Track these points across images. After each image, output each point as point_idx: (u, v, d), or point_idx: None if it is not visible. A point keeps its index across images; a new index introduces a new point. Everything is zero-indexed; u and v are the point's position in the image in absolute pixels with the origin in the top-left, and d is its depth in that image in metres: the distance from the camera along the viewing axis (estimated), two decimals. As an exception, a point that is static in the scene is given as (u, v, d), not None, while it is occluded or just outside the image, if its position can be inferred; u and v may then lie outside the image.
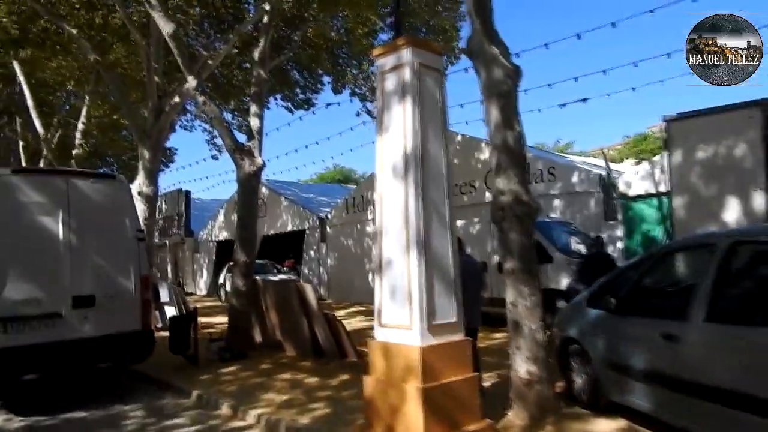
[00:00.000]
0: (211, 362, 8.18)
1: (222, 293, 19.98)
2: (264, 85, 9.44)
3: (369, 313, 13.94)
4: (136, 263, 6.82)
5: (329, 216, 19.50)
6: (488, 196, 14.12)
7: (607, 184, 11.57)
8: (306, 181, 39.95)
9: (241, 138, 9.82)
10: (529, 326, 4.71)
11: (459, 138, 15.12)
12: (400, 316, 4.41)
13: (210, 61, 12.55)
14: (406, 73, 4.56)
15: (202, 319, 9.65)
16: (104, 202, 6.77)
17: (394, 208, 4.54)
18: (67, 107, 21.47)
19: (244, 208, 9.11)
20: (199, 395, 6.53)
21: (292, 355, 8.47)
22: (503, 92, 4.97)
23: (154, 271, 13.96)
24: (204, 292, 24.30)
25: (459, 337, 4.58)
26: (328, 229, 19.40)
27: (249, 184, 8.99)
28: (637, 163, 19.66)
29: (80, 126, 16.54)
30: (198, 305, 18.77)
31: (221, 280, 20.19)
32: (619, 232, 11.58)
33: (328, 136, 41.04)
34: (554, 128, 74.65)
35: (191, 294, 24.01)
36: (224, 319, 14.02)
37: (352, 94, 17.22)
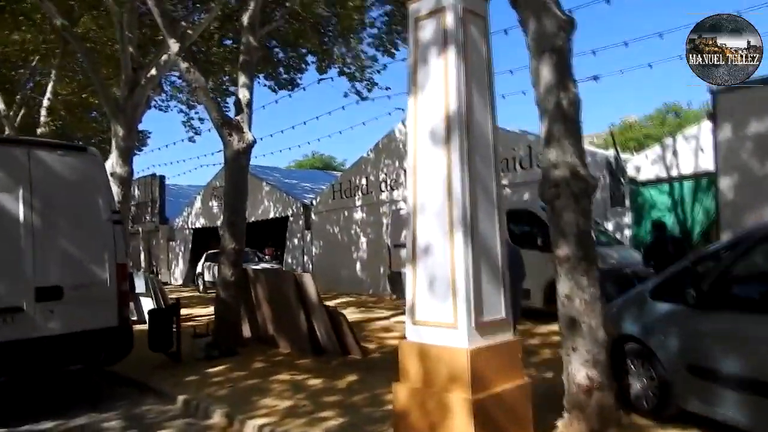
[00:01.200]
0: (196, 360, 7.32)
1: (200, 283, 18.99)
2: (254, 54, 8.51)
3: (360, 305, 13.21)
4: (111, 249, 5.90)
5: (314, 202, 18.61)
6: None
7: (615, 168, 10.98)
8: (288, 167, 38.77)
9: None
10: (589, 323, 3.99)
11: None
12: (440, 312, 3.66)
13: (190, 31, 11.48)
14: (449, 20, 3.77)
15: (182, 311, 8.74)
16: (73, 177, 5.81)
17: (433, 181, 3.77)
18: (31, 85, 20.01)
19: (232, 189, 8.21)
20: (186, 401, 5.67)
21: (286, 351, 7.66)
22: (556, 47, 4.20)
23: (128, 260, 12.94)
24: (180, 282, 23.20)
25: (509, 336, 3.86)
26: (313, 216, 18.51)
27: (237, 162, 8.08)
28: (636, 150, 19.27)
29: (45, 102, 15.30)
30: (175, 296, 17.79)
31: (199, 270, 19.19)
32: (627, 219, 11.03)
33: (304, 121, 39.70)
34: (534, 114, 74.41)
35: (166, 284, 22.85)
36: (205, 311, 13.12)
37: (341, 73, 16.30)
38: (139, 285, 11.01)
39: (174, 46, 7.74)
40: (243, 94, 8.28)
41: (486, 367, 3.53)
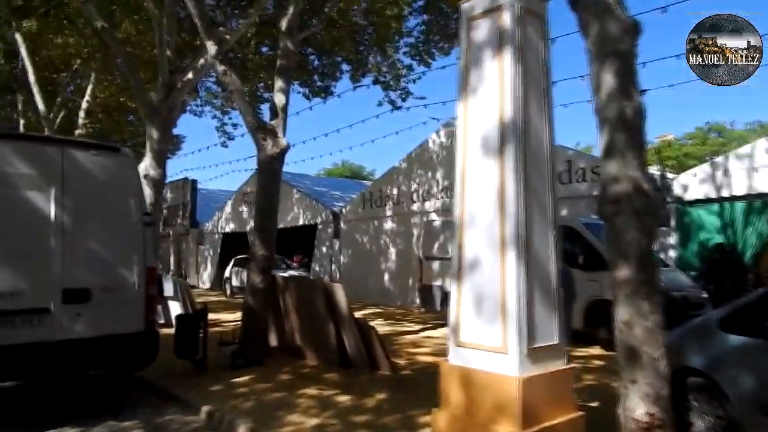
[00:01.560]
0: (221, 369, 7.13)
1: (228, 288, 18.96)
2: (292, 59, 8.38)
3: (388, 317, 12.89)
4: (140, 252, 5.76)
5: (344, 211, 18.43)
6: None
7: (661, 186, 10.48)
8: (317, 175, 38.86)
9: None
10: (650, 354, 3.61)
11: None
12: (488, 335, 3.35)
13: (227, 36, 11.47)
14: (505, 19, 3.50)
15: (209, 317, 8.58)
16: (106, 178, 5.70)
17: (484, 192, 3.48)
18: (72, 88, 20.47)
19: (264, 195, 8.05)
20: (209, 412, 5.46)
21: (313, 364, 7.41)
22: (620, 52, 3.87)
23: (158, 263, 12.95)
24: (208, 286, 23.27)
25: (561, 363, 3.52)
26: (342, 224, 18.33)
27: (271, 167, 7.92)
28: (675, 169, 18.60)
29: (84, 105, 15.54)
30: (202, 299, 17.78)
31: (227, 274, 19.17)
32: (672, 239, 10.50)
33: (337, 128, 39.74)
34: (569, 128, 72.71)
35: (194, 287, 22.97)
36: (232, 316, 12.99)
37: (375, 81, 16.16)
38: (168, 288, 10.94)
39: (212, 48, 7.65)
40: (279, 98, 8.14)
41: (538, 398, 3.21)
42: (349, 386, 6.23)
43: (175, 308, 10.64)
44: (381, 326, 11.06)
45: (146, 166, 10.89)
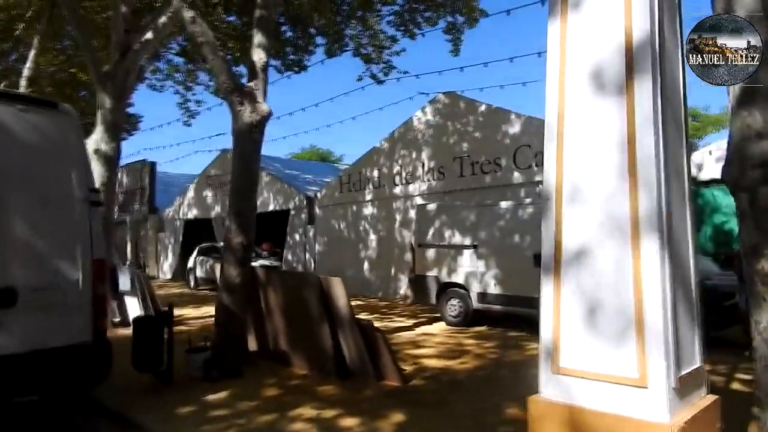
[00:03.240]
0: (191, 382, 5.88)
1: (191, 279, 17.43)
2: (273, 8, 7.04)
3: (371, 310, 11.70)
4: (86, 240, 4.42)
5: (319, 195, 17.13)
6: (516, 176, 12.11)
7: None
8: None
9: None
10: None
11: (483, 108, 12.99)
12: (612, 360, 2.26)
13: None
14: None
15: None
16: (38, 142, 4.33)
17: (596, 151, 2.36)
18: (14, 56, 18.40)
19: (241, 172, 6.73)
20: (179, 445, 4.23)
21: (303, 373, 6.22)
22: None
23: (112, 251, 11.42)
24: (169, 277, 21.60)
25: (704, 393, 2.46)
26: (317, 209, 17.03)
27: (249, 138, 6.61)
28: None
29: (26, 72, 13.68)
30: (163, 292, 16.24)
31: (191, 264, 17.62)
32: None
33: (303, 107, 37.79)
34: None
35: (154, 278, 21.31)
36: (198, 311, 11.60)
37: (356, 54, 14.84)
38: (124, 282, 9.49)
39: (176, -10, 6.26)
40: (258, 55, 6.81)
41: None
42: (354, 403, 5.09)
43: (133, 305, 9.22)
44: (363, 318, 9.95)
45: (97, 139, 9.37)
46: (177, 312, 8.84)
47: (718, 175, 8.87)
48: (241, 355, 6.42)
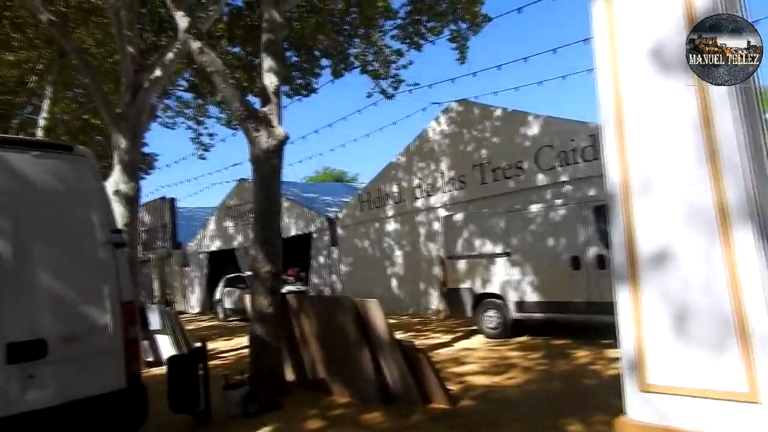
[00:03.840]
0: (230, 419, 5.65)
1: (220, 311, 17.32)
2: (280, 31, 6.93)
3: (405, 327, 11.39)
4: (112, 282, 4.26)
5: (339, 216, 16.97)
6: (540, 177, 11.81)
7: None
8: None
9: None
10: None
11: (498, 112, 12.75)
12: (712, 372, 1.97)
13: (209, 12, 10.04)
14: None
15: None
16: (56, 187, 4.21)
17: (668, 135, 2.10)
18: (29, 109, 18.77)
19: (263, 200, 6.57)
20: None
21: (344, 400, 5.95)
22: None
23: (138, 290, 11.36)
24: (197, 310, 21.55)
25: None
26: (339, 230, 16.86)
27: (267, 164, 6.46)
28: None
29: (41, 122, 13.84)
30: (193, 326, 16.13)
31: (218, 296, 17.53)
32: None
33: (316, 129, 37.72)
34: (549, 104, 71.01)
35: (183, 313, 21.26)
36: (230, 343, 11.43)
37: (363, 71, 14.76)
38: (153, 320, 9.37)
39: (183, 21, 6.18)
40: (269, 79, 6.69)
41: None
42: (402, 430, 4.81)
43: (165, 343, 9.07)
44: (403, 339, 9.66)
45: (116, 180, 9.35)
46: (209, 346, 8.69)
47: None
48: (279, 387, 6.18)
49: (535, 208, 8.91)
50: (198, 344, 6.02)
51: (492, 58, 42.28)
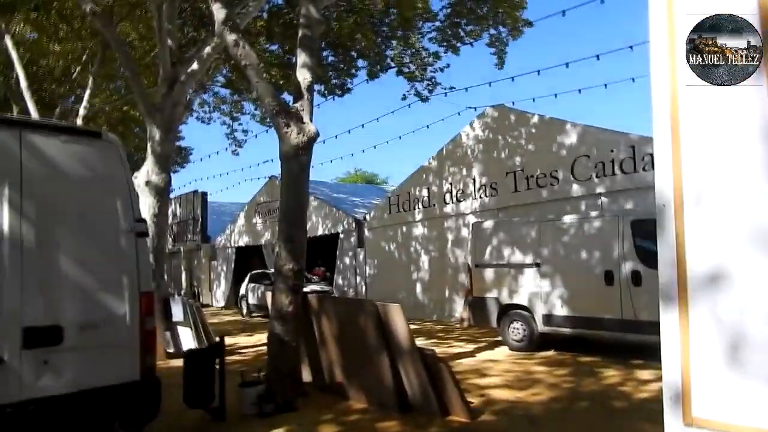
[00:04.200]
0: (244, 418, 5.56)
1: (244, 306, 17.40)
2: (316, 28, 6.84)
3: (428, 334, 11.22)
4: (132, 272, 4.21)
5: (368, 217, 16.86)
6: (575, 188, 11.44)
7: None
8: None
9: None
10: None
11: (535, 119, 12.44)
12: (765, 410, 1.74)
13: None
14: None
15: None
16: (82, 172, 4.18)
17: (726, 143, 1.88)
18: (72, 99, 19.31)
19: (290, 196, 6.50)
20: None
21: (361, 406, 5.79)
22: None
23: (165, 281, 11.43)
24: (222, 304, 21.74)
25: None
26: (366, 232, 16.75)
27: (296, 160, 6.37)
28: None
29: (82, 111, 14.13)
30: (216, 320, 16.24)
31: (243, 291, 17.62)
32: None
33: (348, 129, 37.65)
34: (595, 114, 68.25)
35: (208, 306, 21.50)
36: (251, 339, 11.42)
37: (399, 72, 14.61)
38: (177, 312, 9.41)
39: (219, 13, 6.16)
40: (303, 75, 6.61)
41: None
42: (420, 443, 4.63)
43: (186, 335, 9.09)
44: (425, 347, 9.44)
45: (148, 171, 9.45)
46: (230, 340, 8.63)
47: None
48: (295, 388, 6.07)
49: (568, 218, 8.61)
50: (217, 338, 5.97)
51: (532, 62, 41.50)
